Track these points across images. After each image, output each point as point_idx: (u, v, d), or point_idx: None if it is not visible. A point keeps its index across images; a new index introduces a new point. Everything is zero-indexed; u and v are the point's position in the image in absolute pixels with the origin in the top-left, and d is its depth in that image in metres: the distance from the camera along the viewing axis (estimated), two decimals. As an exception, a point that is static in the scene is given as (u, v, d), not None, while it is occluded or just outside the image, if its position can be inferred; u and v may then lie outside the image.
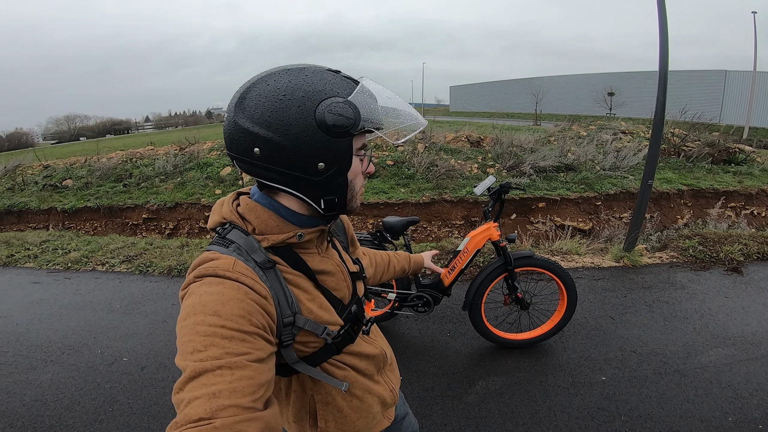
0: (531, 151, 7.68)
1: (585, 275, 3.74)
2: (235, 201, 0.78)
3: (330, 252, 0.84)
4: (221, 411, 0.52)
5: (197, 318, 0.59)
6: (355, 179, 0.75)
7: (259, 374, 0.58)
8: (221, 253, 0.69)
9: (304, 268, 0.76)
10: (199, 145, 9.51)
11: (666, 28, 3.79)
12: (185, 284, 0.67)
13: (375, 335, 0.93)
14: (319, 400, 0.80)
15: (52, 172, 8.89)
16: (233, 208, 0.76)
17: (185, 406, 0.53)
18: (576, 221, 6.47)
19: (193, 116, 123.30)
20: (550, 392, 2.24)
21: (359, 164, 0.75)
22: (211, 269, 0.66)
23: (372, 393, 0.85)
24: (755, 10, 24.20)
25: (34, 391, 2.41)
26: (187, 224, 7.14)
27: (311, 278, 0.77)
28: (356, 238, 1.06)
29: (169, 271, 4.20)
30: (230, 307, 0.61)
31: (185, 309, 0.62)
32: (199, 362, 0.56)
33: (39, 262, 4.66)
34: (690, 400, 2.15)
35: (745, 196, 6.68)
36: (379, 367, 0.89)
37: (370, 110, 0.70)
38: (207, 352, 0.57)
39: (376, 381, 0.88)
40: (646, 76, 33.40)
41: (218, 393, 0.53)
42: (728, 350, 2.57)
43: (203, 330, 0.58)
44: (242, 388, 0.55)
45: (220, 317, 0.59)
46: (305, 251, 0.77)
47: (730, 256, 3.94)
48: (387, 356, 0.92)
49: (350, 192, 0.75)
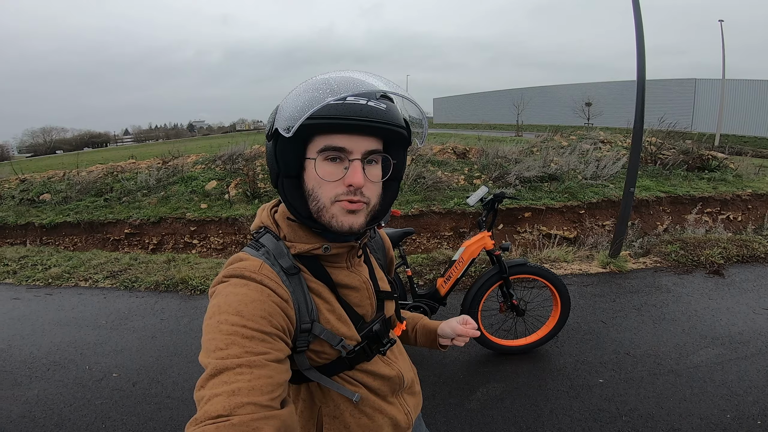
0: (515, 161, 7.83)
1: (574, 281, 3.81)
2: (274, 208, 0.81)
3: (360, 268, 0.83)
4: (239, 408, 0.53)
5: (221, 317, 0.61)
6: (319, 188, 0.69)
7: (277, 374, 0.60)
8: (251, 256, 0.72)
9: (326, 280, 0.76)
10: (183, 158, 9.38)
11: (642, 39, 3.96)
12: (214, 283, 0.70)
13: (396, 357, 0.89)
14: (326, 413, 0.78)
15: (29, 186, 8.62)
16: (270, 214, 0.79)
17: (206, 403, 0.54)
18: (561, 230, 6.59)
19: (174, 129, 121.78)
20: (550, 396, 2.26)
21: (313, 170, 0.68)
22: (238, 270, 0.68)
23: (383, 413, 0.82)
24: (722, 18, 25.30)
25: (21, 408, 2.33)
26: (171, 239, 6.98)
27: (333, 290, 0.77)
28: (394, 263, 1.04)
29: (156, 286, 4.11)
30: (252, 308, 0.62)
31: (211, 308, 0.64)
32: (220, 360, 0.57)
33: (18, 278, 4.50)
34: (687, 398, 2.20)
35: (721, 201, 6.92)
36: (394, 389, 0.85)
37: (299, 106, 0.64)
38: (228, 350, 0.58)
39: (389, 402, 0.84)
40: (620, 85, 34.37)
41: (237, 391, 0.54)
42: (718, 350, 2.65)
43: (226, 329, 0.60)
44: (261, 386, 0.56)
45: (242, 317, 0.61)
46: (332, 264, 0.78)
47: (711, 260, 4.08)
48: (404, 379, 0.87)
49: (314, 201, 0.70)
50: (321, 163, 0.68)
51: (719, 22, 24.86)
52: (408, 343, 1.07)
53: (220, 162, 8.59)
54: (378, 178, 0.73)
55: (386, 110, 0.69)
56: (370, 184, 0.71)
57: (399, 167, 0.77)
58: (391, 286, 0.92)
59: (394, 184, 0.79)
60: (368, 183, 0.70)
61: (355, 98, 0.66)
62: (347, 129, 0.66)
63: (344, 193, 0.68)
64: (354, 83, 0.66)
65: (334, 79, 0.66)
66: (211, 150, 10.32)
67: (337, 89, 0.64)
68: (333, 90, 0.64)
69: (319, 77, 0.68)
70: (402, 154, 0.77)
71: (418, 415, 1.01)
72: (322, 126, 0.65)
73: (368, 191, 0.71)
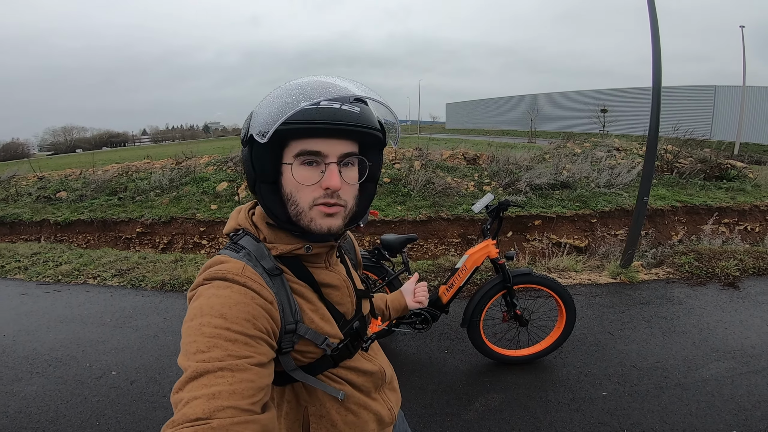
0: (527, 168, 7.74)
1: (582, 292, 3.72)
2: (251, 210, 0.81)
3: (338, 267, 0.84)
4: (219, 412, 0.52)
5: (203, 319, 0.60)
6: (297, 192, 0.69)
7: (259, 378, 0.59)
8: (232, 258, 0.71)
9: (309, 280, 0.77)
10: (196, 159, 9.51)
11: (659, 45, 3.88)
12: (194, 285, 0.69)
13: (375, 353, 0.91)
14: (312, 413, 0.78)
15: (46, 184, 8.84)
16: (248, 216, 0.79)
17: (184, 406, 0.53)
18: (572, 238, 6.47)
19: (189, 130, 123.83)
20: (550, 408, 2.19)
21: (291, 175, 0.69)
22: (220, 272, 0.67)
23: (368, 409, 0.83)
24: (743, 24, 24.76)
25: (18, 403, 2.35)
26: (181, 239, 7.06)
27: (316, 290, 0.77)
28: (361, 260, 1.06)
29: (161, 285, 4.14)
30: (236, 310, 0.62)
31: (192, 310, 0.63)
32: (201, 363, 0.56)
33: (29, 274, 4.58)
34: (693, 413, 2.12)
35: (738, 212, 6.74)
36: (377, 384, 0.87)
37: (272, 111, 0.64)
38: (210, 353, 0.57)
39: (373, 398, 0.86)
40: (637, 92, 33.81)
41: (218, 394, 0.53)
42: (728, 363, 2.55)
43: (208, 331, 0.59)
44: (242, 390, 0.55)
45: (225, 320, 0.60)
46: (313, 264, 0.79)
47: (726, 272, 3.95)
48: (386, 374, 0.90)
49: (292, 206, 0.70)
50: (297, 168, 0.68)
51: (740, 27, 24.33)
52: (384, 319, 1.19)
53: (231, 163, 8.69)
54: (354, 180, 0.73)
55: (360, 113, 0.69)
56: (347, 187, 0.72)
57: (375, 169, 0.78)
58: (365, 285, 0.94)
59: (370, 185, 0.80)
60: (345, 185, 0.70)
61: (328, 102, 0.66)
62: (322, 133, 0.66)
63: (321, 196, 0.69)
64: (327, 88, 0.67)
65: (308, 84, 0.67)
66: (224, 151, 10.45)
67: (311, 94, 0.65)
68: (307, 95, 0.64)
69: (292, 83, 0.69)
70: (378, 156, 0.78)
71: (400, 412, 1.03)
72: (297, 131, 0.66)
73: (345, 194, 0.72)
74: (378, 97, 0.71)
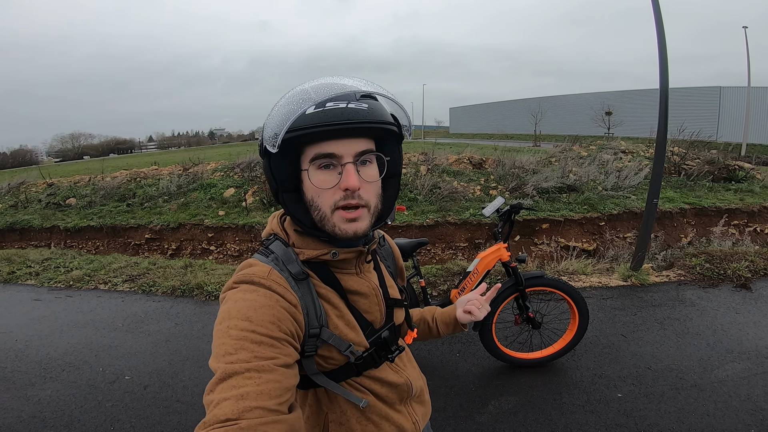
0: (533, 172, 7.72)
1: (593, 294, 3.70)
2: (282, 216, 0.83)
3: (370, 275, 0.83)
4: (248, 412, 0.54)
5: (231, 322, 0.62)
6: (318, 197, 0.70)
7: (285, 378, 0.60)
8: (260, 262, 0.73)
9: (335, 285, 0.77)
10: (203, 165, 9.58)
11: (665, 47, 3.87)
12: (225, 288, 0.71)
13: (404, 364, 0.89)
14: (333, 420, 0.78)
15: (56, 191, 8.92)
16: (279, 221, 0.81)
17: (214, 407, 0.55)
18: (580, 242, 6.43)
19: (195, 137, 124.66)
20: (565, 410, 2.18)
21: (309, 181, 0.69)
22: (247, 276, 0.69)
23: (390, 421, 0.81)
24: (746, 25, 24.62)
25: (32, 408, 2.36)
26: (189, 245, 7.10)
27: (342, 296, 0.77)
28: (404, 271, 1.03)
29: (172, 291, 4.17)
30: (261, 313, 0.63)
31: (221, 313, 0.65)
32: (229, 364, 0.58)
33: (40, 279, 4.63)
34: (710, 413, 2.10)
35: (748, 213, 6.67)
36: (402, 397, 0.85)
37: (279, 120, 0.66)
38: (237, 355, 0.59)
39: (397, 410, 0.84)
40: (642, 94, 33.63)
41: (246, 395, 0.55)
42: (744, 364, 2.52)
43: (235, 334, 0.61)
44: (269, 390, 0.57)
45: (251, 322, 0.62)
46: (341, 270, 0.79)
47: (738, 273, 3.92)
48: (413, 387, 0.87)
49: (315, 211, 0.71)
50: (315, 172, 0.69)
51: (743, 28, 24.21)
52: (432, 336, 1.07)
53: (238, 170, 8.74)
54: (374, 177, 0.72)
55: (368, 110, 0.68)
56: (367, 185, 0.71)
57: (395, 163, 0.77)
58: (402, 294, 0.91)
59: (393, 180, 0.79)
60: (364, 184, 0.70)
61: (334, 103, 0.66)
62: (333, 134, 0.66)
63: (342, 198, 0.69)
64: (330, 88, 0.67)
65: (312, 88, 0.68)
66: (230, 157, 10.51)
67: (315, 97, 0.65)
68: (311, 98, 0.65)
69: (297, 89, 0.70)
70: (397, 150, 0.77)
71: (427, 424, 1.00)
72: (307, 135, 0.66)
73: (366, 193, 0.70)
74: (383, 91, 0.71)
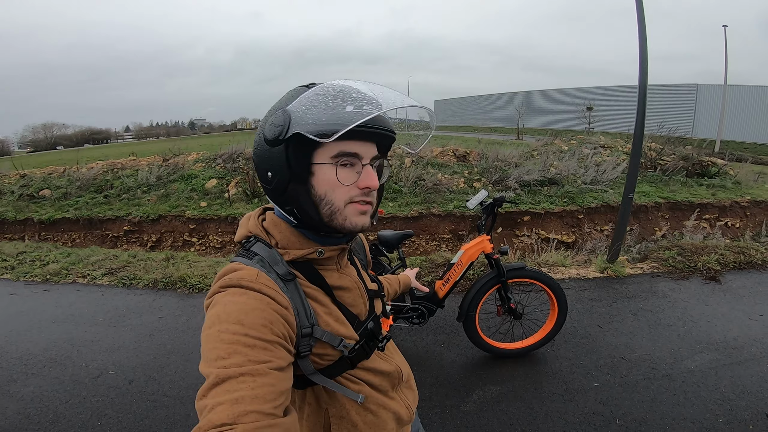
0: (515, 165, 7.84)
1: (572, 286, 3.82)
2: (261, 216, 0.82)
3: (349, 269, 0.86)
4: (243, 416, 0.53)
5: (222, 326, 0.61)
6: (332, 192, 0.71)
7: (279, 382, 0.60)
8: (245, 265, 0.72)
9: (321, 284, 0.78)
10: (184, 156, 9.38)
11: (645, 43, 3.97)
12: (210, 294, 0.69)
13: (391, 352, 0.92)
14: (333, 414, 0.79)
15: (29, 182, 8.61)
16: (258, 222, 0.80)
17: (209, 412, 0.54)
18: (560, 234, 6.59)
19: (175, 127, 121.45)
20: (545, 399, 2.27)
21: (333, 175, 0.70)
22: (235, 280, 0.68)
23: (387, 408, 0.84)
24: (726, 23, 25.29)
25: (16, 405, 2.33)
26: (170, 237, 6.98)
27: (328, 293, 0.79)
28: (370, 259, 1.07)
29: (154, 284, 4.11)
30: (253, 316, 0.63)
31: (210, 318, 0.64)
32: (222, 369, 0.57)
33: (16, 273, 4.50)
34: (680, 403, 2.21)
35: (719, 208, 6.94)
36: (394, 383, 0.88)
37: (315, 114, 0.67)
38: (230, 360, 0.58)
39: (391, 397, 0.87)
40: (623, 90, 34.24)
41: (240, 399, 0.54)
42: (712, 355, 2.66)
43: (227, 338, 0.60)
44: (264, 394, 0.56)
45: (243, 326, 0.61)
46: (324, 267, 0.80)
47: (708, 266, 4.09)
48: (403, 373, 0.91)
49: (326, 206, 0.72)
50: (337, 168, 0.71)
51: (723, 27, 24.87)
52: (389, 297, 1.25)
53: (220, 160, 8.60)
54: (380, 181, 0.78)
55: (389, 119, 0.75)
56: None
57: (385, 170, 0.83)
58: (376, 285, 0.94)
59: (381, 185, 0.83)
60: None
61: (370, 108, 0.67)
62: (360, 136, 0.70)
63: (358, 194, 0.72)
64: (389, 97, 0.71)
65: (371, 90, 0.71)
66: (212, 148, 10.31)
67: (377, 103, 0.68)
68: (375, 103, 0.68)
69: (343, 84, 0.71)
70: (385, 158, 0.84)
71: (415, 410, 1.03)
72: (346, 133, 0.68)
73: (374, 194, 0.77)
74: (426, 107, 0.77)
